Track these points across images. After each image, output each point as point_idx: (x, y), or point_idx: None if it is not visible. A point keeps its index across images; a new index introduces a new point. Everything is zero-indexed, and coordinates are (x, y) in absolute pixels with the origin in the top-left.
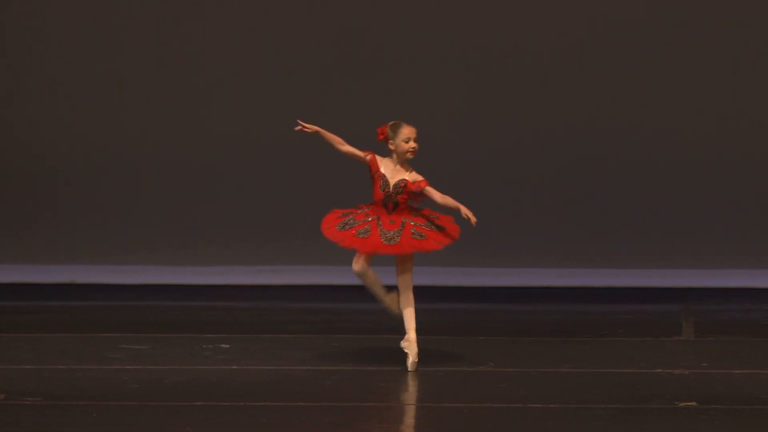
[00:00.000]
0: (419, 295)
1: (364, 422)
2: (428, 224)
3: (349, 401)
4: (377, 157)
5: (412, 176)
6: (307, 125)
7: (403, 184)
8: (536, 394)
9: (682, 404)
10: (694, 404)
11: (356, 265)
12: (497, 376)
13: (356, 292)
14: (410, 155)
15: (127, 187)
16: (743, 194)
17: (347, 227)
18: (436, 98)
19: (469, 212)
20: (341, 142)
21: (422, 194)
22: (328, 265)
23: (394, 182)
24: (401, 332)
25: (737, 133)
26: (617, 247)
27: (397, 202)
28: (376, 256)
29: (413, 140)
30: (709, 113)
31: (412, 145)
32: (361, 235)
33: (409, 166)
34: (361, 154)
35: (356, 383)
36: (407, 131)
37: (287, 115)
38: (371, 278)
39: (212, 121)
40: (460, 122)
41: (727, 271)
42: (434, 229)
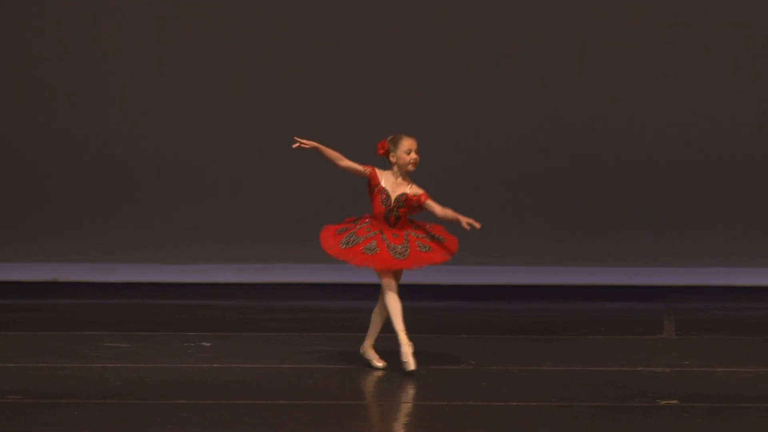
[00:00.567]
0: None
1: (345, 420)
2: (429, 236)
3: (331, 399)
4: (377, 170)
5: (412, 190)
6: (304, 141)
7: (404, 198)
8: (518, 392)
9: (663, 402)
10: (675, 402)
11: (387, 285)
12: (479, 374)
13: (338, 290)
14: (412, 167)
15: (108, 186)
16: (724, 193)
17: (351, 244)
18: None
19: (470, 220)
20: (340, 157)
21: (422, 207)
22: (309, 263)
23: (395, 196)
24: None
25: (721, 133)
26: (599, 245)
27: (398, 215)
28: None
29: (414, 152)
30: (694, 114)
31: (413, 156)
32: (369, 251)
33: (409, 179)
34: (360, 168)
35: (338, 381)
36: (408, 143)
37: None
38: (392, 307)
39: (196, 120)
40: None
41: (708, 269)
42: (435, 240)
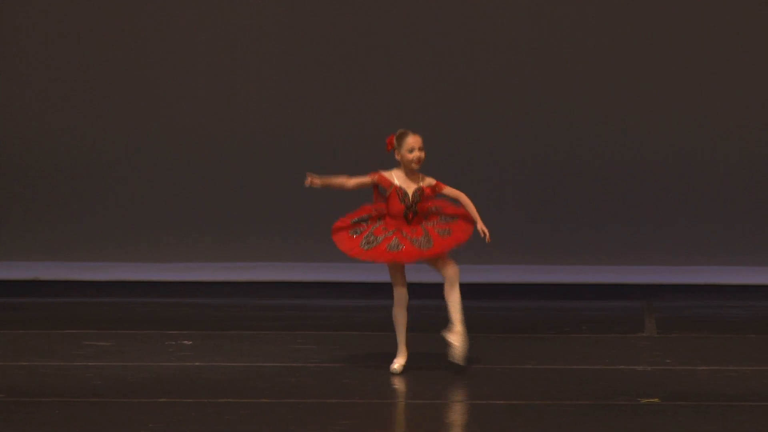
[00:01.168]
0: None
1: (328, 419)
2: (443, 219)
3: (313, 398)
4: (383, 173)
5: (426, 182)
6: (315, 179)
7: (420, 192)
8: (500, 390)
9: (645, 401)
10: (657, 401)
11: (398, 291)
12: (462, 372)
13: (321, 288)
14: (415, 165)
15: (89, 184)
16: (705, 192)
17: (373, 244)
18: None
19: (485, 229)
20: (345, 180)
21: (437, 195)
22: (291, 261)
23: (412, 192)
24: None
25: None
26: (580, 244)
27: (416, 211)
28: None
29: (417, 149)
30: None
31: (416, 154)
32: (393, 249)
33: (418, 172)
34: (367, 179)
35: (321, 380)
36: (411, 141)
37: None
38: (403, 318)
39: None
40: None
41: (689, 267)
42: (450, 221)
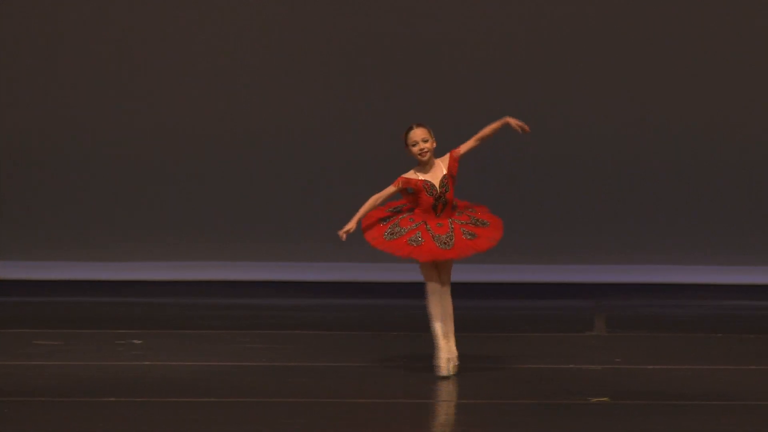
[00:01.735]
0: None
1: (276, 418)
2: (473, 221)
3: (263, 397)
4: (405, 175)
5: (444, 162)
6: (349, 226)
7: (446, 180)
8: (450, 389)
9: (594, 400)
10: (607, 400)
11: (431, 285)
12: (410, 372)
13: (272, 287)
14: (422, 157)
15: (38, 183)
16: (651, 192)
17: (396, 236)
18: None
19: (517, 121)
20: (374, 200)
21: (461, 156)
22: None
23: (438, 182)
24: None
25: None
26: (530, 243)
27: (446, 201)
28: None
29: (421, 141)
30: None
31: (419, 147)
32: (413, 243)
33: (434, 160)
34: (393, 189)
35: (271, 379)
36: (413, 135)
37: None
38: (441, 309)
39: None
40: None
41: (638, 266)
42: (480, 225)
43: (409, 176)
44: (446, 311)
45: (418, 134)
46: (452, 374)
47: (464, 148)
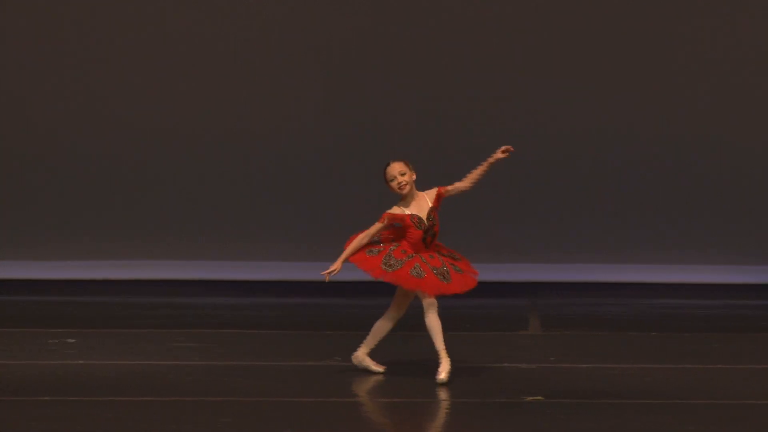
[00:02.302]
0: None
1: (205, 416)
2: (452, 257)
3: (192, 396)
4: (390, 211)
5: (429, 195)
6: (335, 267)
7: (432, 211)
8: (382, 388)
9: (529, 398)
10: (541, 399)
11: (391, 313)
12: (344, 370)
13: (200, 286)
14: (401, 190)
15: None
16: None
17: (394, 268)
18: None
19: (501, 150)
20: (362, 238)
21: (447, 195)
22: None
23: (425, 215)
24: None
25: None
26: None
27: (434, 233)
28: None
29: (398, 175)
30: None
31: (397, 181)
32: (417, 275)
33: (417, 192)
34: (380, 225)
35: (201, 378)
36: (390, 171)
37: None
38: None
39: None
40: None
41: (571, 265)
42: (458, 260)
43: (394, 212)
44: (436, 328)
45: (395, 168)
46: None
47: (452, 188)
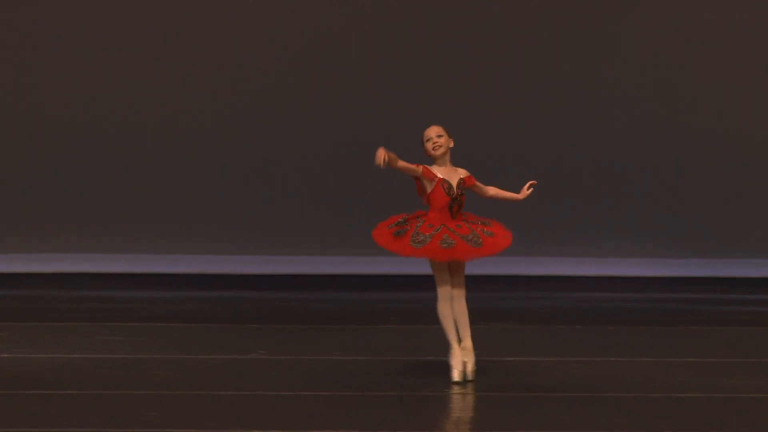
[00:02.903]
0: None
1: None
2: (482, 222)
3: (120, 389)
4: (428, 166)
5: (463, 172)
6: (391, 155)
7: (462, 182)
8: (308, 381)
9: (454, 392)
10: (465, 392)
11: (442, 290)
12: (269, 363)
13: (129, 280)
14: (434, 151)
15: None
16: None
17: (423, 243)
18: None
19: (526, 187)
20: (396, 158)
21: (469, 185)
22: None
23: (455, 183)
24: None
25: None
26: None
27: (461, 203)
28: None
29: (435, 137)
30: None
31: (432, 141)
32: (446, 245)
33: (452, 164)
34: (413, 167)
35: (129, 371)
36: (427, 132)
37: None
38: (451, 315)
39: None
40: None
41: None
42: (489, 224)
43: (431, 168)
44: (459, 315)
45: (433, 130)
46: (469, 379)
47: (479, 186)
